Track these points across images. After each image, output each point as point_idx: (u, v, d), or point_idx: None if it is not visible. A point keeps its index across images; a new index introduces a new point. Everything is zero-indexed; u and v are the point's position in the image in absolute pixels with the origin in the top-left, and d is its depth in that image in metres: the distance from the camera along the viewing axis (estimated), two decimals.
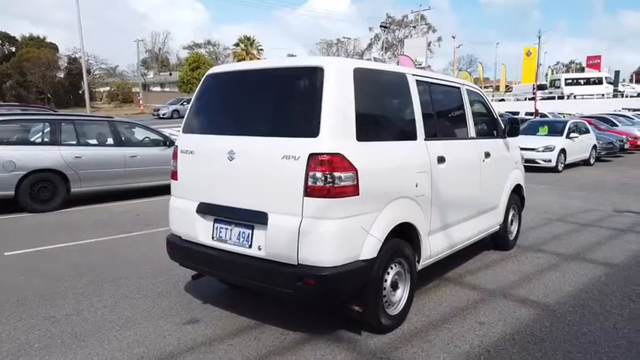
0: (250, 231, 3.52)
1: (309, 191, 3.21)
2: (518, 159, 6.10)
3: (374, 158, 3.51)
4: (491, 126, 5.69)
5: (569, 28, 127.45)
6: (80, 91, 52.03)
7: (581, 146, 15.99)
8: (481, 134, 5.38)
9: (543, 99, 42.28)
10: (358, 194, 3.31)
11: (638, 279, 5.05)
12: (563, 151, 14.80)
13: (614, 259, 5.74)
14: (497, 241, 5.93)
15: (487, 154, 5.16)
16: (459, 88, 4.98)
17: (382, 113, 3.87)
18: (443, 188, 4.31)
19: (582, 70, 61.84)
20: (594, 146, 16.96)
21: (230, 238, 3.63)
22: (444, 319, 4.07)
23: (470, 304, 4.38)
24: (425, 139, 4.15)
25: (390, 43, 72.12)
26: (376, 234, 3.48)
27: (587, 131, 16.68)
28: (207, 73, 4.12)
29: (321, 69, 3.36)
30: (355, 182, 3.29)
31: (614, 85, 45.15)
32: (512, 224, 6.12)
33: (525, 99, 41.35)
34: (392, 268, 3.77)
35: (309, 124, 3.27)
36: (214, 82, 4.03)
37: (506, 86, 50.14)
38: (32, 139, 8.83)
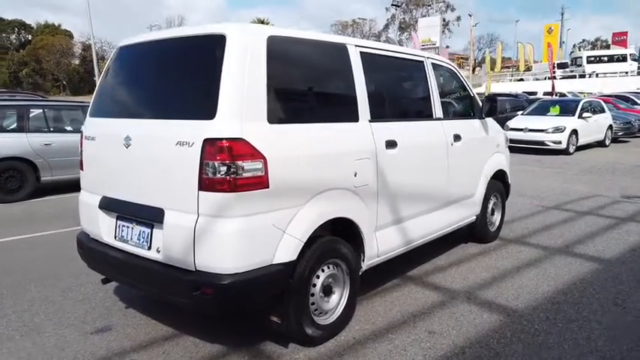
0: (150, 230, 3.03)
1: (205, 184, 2.70)
2: (501, 141, 5.47)
3: (292, 144, 2.98)
4: (465, 105, 5.08)
5: (595, 4, 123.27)
6: (94, 78, 52.14)
7: (595, 127, 15.11)
8: (451, 115, 4.79)
9: (564, 78, 40.89)
10: (268, 187, 2.79)
11: (630, 277, 4.44)
12: (574, 132, 13.98)
13: (606, 252, 5.12)
14: (475, 233, 5.35)
15: (457, 137, 4.57)
16: (421, 62, 4.38)
17: (308, 91, 3.31)
18: (394, 177, 3.76)
19: (608, 47, 59.72)
20: (610, 126, 16.05)
21: (131, 238, 3.15)
22: (390, 327, 3.55)
23: (426, 308, 3.84)
24: (370, 121, 3.59)
25: (407, 23, 70.57)
26: (296, 233, 2.96)
27: (602, 111, 15.76)
28: (118, 46, 3.61)
29: (223, 37, 2.82)
30: (264, 173, 2.77)
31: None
32: (493, 214, 5.52)
33: (545, 78, 39.92)
34: (323, 271, 3.26)
35: (205, 104, 2.76)
36: (122, 56, 3.52)
37: (526, 65, 48.55)
38: None
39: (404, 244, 4.00)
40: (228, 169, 2.66)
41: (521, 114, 15.69)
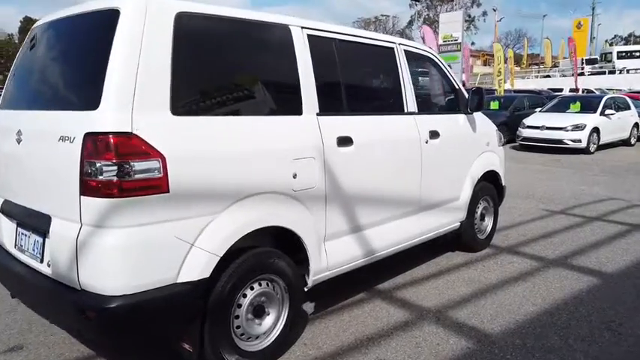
0: (42, 240, 2.61)
1: (86, 188, 2.26)
2: (492, 139, 4.90)
3: (205, 140, 2.52)
4: (447, 99, 4.55)
5: None
6: None
7: (619, 124, 14.27)
8: (427, 108, 4.27)
9: (592, 74, 39.40)
10: (167, 191, 2.33)
11: (633, 295, 3.86)
12: (595, 130, 13.19)
13: (609, 265, 4.52)
14: (461, 241, 4.80)
15: (434, 134, 4.04)
16: (390, 48, 3.86)
17: (232, 78, 2.83)
18: (348, 179, 3.27)
19: None
20: (636, 124, 15.16)
21: (27, 249, 2.74)
22: (338, 352, 3.06)
23: (386, 330, 3.34)
24: (319, 114, 3.11)
25: (432, 19, 69.23)
26: (208, 246, 2.50)
27: (627, 107, 14.89)
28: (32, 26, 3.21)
29: (116, 12, 2.37)
30: (161, 174, 2.31)
31: None
32: (483, 220, 4.96)
33: (572, 74, 38.51)
34: (252, 289, 2.79)
35: (89, 91, 2.32)
36: (33, 37, 3.10)
37: (554, 62, 47.01)
38: None
39: (364, 256, 3.50)
40: (113, 169, 2.21)
41: (539, 111, 14.90)
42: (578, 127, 12.95)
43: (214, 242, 2.53)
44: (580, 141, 12.84)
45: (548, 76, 42.26)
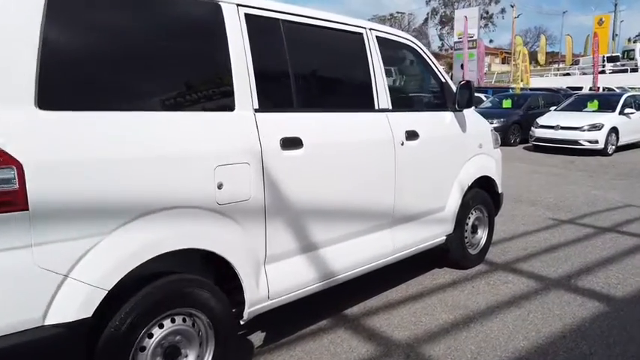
0: None
1: None
2: (486, 140, 4.29)
3: (86, 142, 1.98)
4: (431, 94, 3.96)
5: None
6: None
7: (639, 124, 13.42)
8: (405, 105, 3.69)
9: (614, 72, 38.15)
10: (26, 208, 1.80)
11: None
12: (614, 130, 12.41)
13: (619, 288, 3.89)
14: (449, 257, 4.20)
15: (412, 135, 3.46)
16: (359, 34, 3.28)
17: (132, 62, 2.26)
18: (297, 188, 2.71)
19: None
20: None
21: None
22: None
23: None
24: (257, 111, 2.55)
25: (449, 17, 68.07)
26: (90, 277, 1.97)
27: None
28: None
29: None
30: (17, 186, 1.78)
31: None
32: (475, 232, 4.36)
33: (593, 72, 37.31)
34: (162, 327, 2.24)
35: None
36: None
37: (573, 59, 45.72)
38: None
39: (318, 280, 2.93)
40: None
41: (554, 109, 14.14)
42: (595, 127, 12.19)
43: (98, 272, 1.99)
44: (597, 142, 12.09)
45: (568, 74, 41.10)
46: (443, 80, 3.92)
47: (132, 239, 2.08)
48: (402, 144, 3.38)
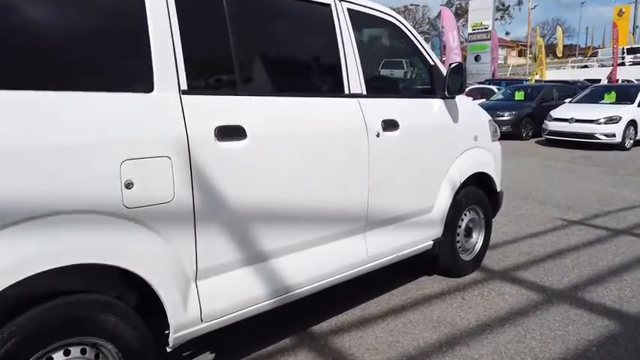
0: None
1: None
2: (483, 132, 3.78)
3: None
4: (417, 78, 3.45)
5: None
6: None
7: None
8: (384, 90, 3.20)
9: (634, 64, 36.99)
10: None
11: None
12: (633, 123, 11.76)
13: (633, 303, 3.38)
14: (438, 263, 3.71)
15: (391, 124, 2.97)
16: (326, 5, 2.79)
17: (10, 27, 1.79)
18: (238, 187, 2.25)
19: None
20: None
21: None
22: None
23: None
24: (185, 92, 2.09)
25: (464, 9, 66.83)
26: None
27: None
28: None
29: None
30: None
31: None
32: (469, 236, 3.86)
33: (612, 65, 36.22)
34: None
35: None
36: None
37: (592, 51, 44.53)
38: None
39: (270, 296, 2.46)
40: None
41: (569, 101, 13.48)
42: (612, 120, 11.54)
43: None
44: (614, 135, 11.44)
45: (586, 67, 40.01)
46: (431, 62, 3.42)
47: (4, 252, 1.63)
48: (378, 135, 2.89)
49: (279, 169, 2.40)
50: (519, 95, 14.59)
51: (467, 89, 17.87)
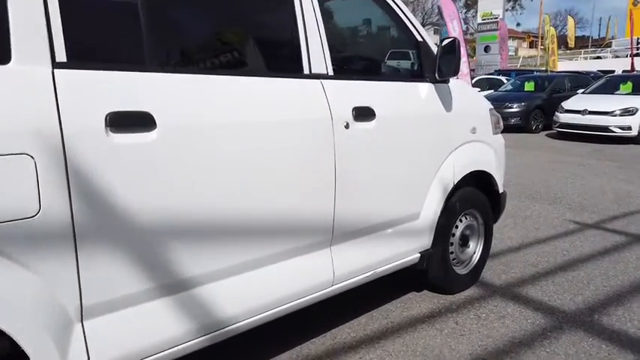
0: None
1: None
2: (482, 123, 3.20)
3: None
4: (400, 57, 2.86)
5: None
6: None
7: None
8: (356, 71, 2.61)
9: None
10: None
11: None
12: None
13: None
14: (427, 279, 3.14)
15: (364, 113, 2.39)
16: None
17: None
18: (142, 194, 1.69)
19: None
20: None
21: None
22: None
23: None
24: (60, 66, 1.52)
25: None
26: None
27: None
28: None
29: None
30: None
31: None
32: (464, 246, 3.28)
33: (626, 56, 35.18)
34: None
35: None
36: None
37: (606, 42, 43.38)
38: None
39: (195, 333, 1.90)
40: None
41: (582, 92, 12.77)
42: (628, 112, 10.84)
43: None
44: (630, 128, 10.74)
45: (599, 58, 38.95)
46: (419, 39, 2.82)
47: None
48: (347, 126, 2.31)
49: (203, 169, 1.83)
50: (529, 86, 13.89)
51: (474, 80, 17.18)
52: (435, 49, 2.83)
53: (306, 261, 2.28)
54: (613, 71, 24.86)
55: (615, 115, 10.89)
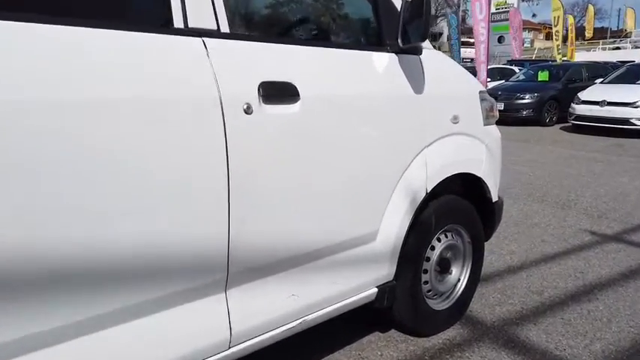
0: None
1: None
2: (468, 109, 2.40)
3: None
4: (345, 16, 2.07)
5: None
6: None
7: None
8: (273, 31, 1.83)
9: None
10: None
11: None
12: None
13: None
14: (392, 319, 2.35)
15: (278, 92, 1.60)
16: None
17: None
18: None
19: None
20: None
21: None
22: None
23: None
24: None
25: None
26: None
27: None
28: None
29: None
30: None
31: None
32: (443, 273, 2.48)
33: None
34: None
35: None
36: None
37: (625, 32, 41.88)
38: None
39: None
40: None
41: (600, 82, 11.82)
42: None
43: None
44: None
45: (618, 48, 37.59)
46: None
47: None
48: (249, 111, 1.52)
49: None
50: (543, 76, 12.93)
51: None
52: (398, 7, 2.02)
53: (188, 312, 1.50)
54: (633, 61, 23.75)
55: (637, 107, 9.96)
